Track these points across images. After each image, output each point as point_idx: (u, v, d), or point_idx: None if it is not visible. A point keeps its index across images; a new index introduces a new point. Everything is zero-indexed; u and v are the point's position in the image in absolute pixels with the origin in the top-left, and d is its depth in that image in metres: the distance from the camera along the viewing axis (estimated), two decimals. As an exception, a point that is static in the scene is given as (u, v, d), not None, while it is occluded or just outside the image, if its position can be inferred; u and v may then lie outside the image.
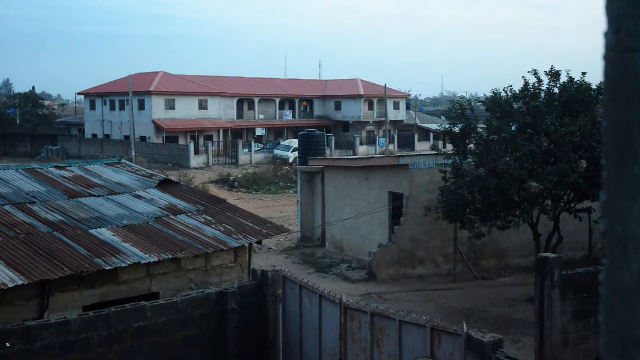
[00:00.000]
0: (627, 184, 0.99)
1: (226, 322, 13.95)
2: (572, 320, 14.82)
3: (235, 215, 17.51)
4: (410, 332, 12.31)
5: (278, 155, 67.33)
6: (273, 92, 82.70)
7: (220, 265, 16.09)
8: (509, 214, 21.81)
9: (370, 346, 13.08)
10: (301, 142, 37.94)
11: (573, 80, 22.41)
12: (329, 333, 14.07)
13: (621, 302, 1.01)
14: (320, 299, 14.28)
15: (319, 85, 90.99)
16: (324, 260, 29.27)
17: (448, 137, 24.85)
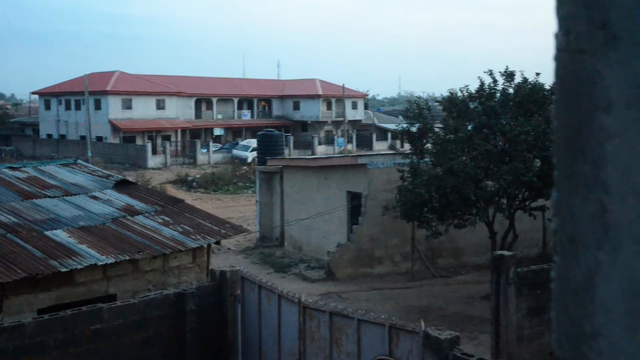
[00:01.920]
0: (577, 183, 1.01)
1: (185, 323, 13.86)
2: (527, 316, 15.03)
3: (193, 215, 17.41)
4: (368, 331, 12.36)
5: (237, 155, 67.06)
6: (231, 92, 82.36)
7: (179, 266, 15.99)
8: (466, 212, 22.04)
9: (330, 345, 13.10)
10: (260, 142, 37.83)
11: (527, 81, 22.75)
12: (288, 333, 14.07)
13: (572, 298, 1.03)
14: (279, 299, 14.26)
15: (278, 85, 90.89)
16: (283, 260, 29.24)
17: (406, 136, 25.02)
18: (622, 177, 0.97)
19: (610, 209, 0.98)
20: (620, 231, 0.98)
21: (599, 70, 0.98)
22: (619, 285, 0.99)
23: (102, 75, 72.22)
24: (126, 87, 70.56)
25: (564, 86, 1.02)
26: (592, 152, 1.00)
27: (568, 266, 1.04)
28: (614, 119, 0.97)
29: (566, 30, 1.01)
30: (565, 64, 1.02)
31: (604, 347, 1.00)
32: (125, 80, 72.01)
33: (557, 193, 1.05)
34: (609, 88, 0.97)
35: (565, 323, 1.04)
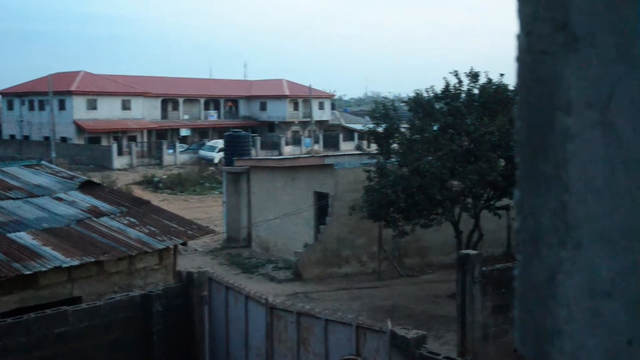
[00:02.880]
0: (539, 182, 1.03)
1: (151, 325, 13.75)
2: (492, 314, 15.16)
3: (159, 216, 17.29)
4: (336, 330, 12.38)
5: (203, 156, 66.71)
6: (198, 92, 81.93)
7: (145, 268, 15.87)
8: (432, 212, 22.16)
9: (297, 346, 13.10)
10: (227, 143, 37.71)
11: (492, 82, 22.96)
12: (256, 334, 14.03)
13: (534, 296, 1.04)
14: (246, 300, 14.22)
15: (245, 85, 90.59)
16: (250, 261, 29.16)
17: (372, 137, 25.10)
18: (582, 176, 0.98)
19: (571, 208, 1.00)
20: (581, 229, 1.00)
21: (559, 71, 0.99)
22: (580, 283, 1.00)
23: (67, 75, 71.39)
24: (91, 87, 69.83)
25: (526, 87, 1.04)
26: (553, 152, 1.01)
27: (530, 264, 1.05)
28: (574, 119, 0.99)
29: (527, 32, 1.02)
30: (526, 65, 1.03)
31: (565, 343, 1.01)
32: (90, 81, 71.26)
33: (519, 192, 1.06)
34: (569, 89, 0.98)
35: (527, 321, 1.05)
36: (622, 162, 0.95)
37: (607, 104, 0.96)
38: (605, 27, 0.94)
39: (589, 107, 0.97)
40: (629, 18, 0.93)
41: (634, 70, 0.93)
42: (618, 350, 0.97)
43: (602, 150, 0.96)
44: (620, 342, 0.97)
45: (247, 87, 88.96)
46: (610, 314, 0.97)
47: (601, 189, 0.97)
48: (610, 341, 0.98)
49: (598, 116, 0.97)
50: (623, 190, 0.95)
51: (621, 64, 0.94)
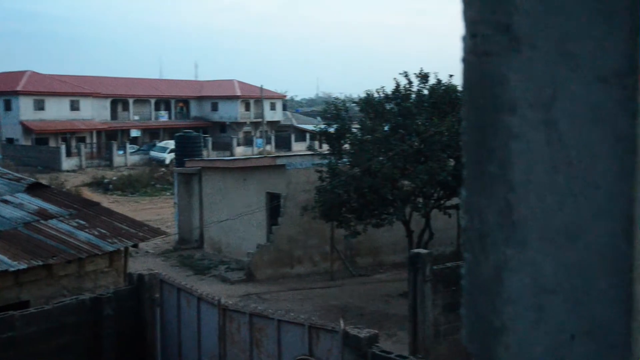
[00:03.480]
0: (485, 182, 1.04)
1: (102, 328, 13.57)
2: (443, 312, 15.31)
3: (110, 218, 17.07)
4: (289, 331, 12.38)
5: (154, 156, 66.03)
6: (148, 92, 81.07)
7: (95, 271, 15.65)
8: (383, 212, 22.29)
9: (250, 347, 13.06)
10: (178, 144, 37.42)
11: (441, 83, 23.21)
12: (208, 335, 13.95)
13: (481, 294, 1.06)
14: (198, 302, 14.13)
15: (196, 86, 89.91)
16: (202, 262, 28.98)
17: (324, 137, 25.16)
18: (526, 175, 1.00)
19: (516, 207, 1.01)
20: (526, 228, 1.01)
21: (503, 72, 1.01)
22: (525, 280, 1.02)
23: (12, 75, 69.98)
24: (38, 87, 68.57)
25: (471, 88, 1.05)
26: (498, 152, 1.02)
27: (477, 263, 1.07)
28: (518, 119, 1.00)
29: (472, 34, 1.03)
30: (472, 66, 1.04)
31: (511, 340, 1.03)
32: (37, 80, 69.97)
33: (465, 192, 1.08)
34: (513, 89, 1.00)
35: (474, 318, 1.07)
36: (564, 161, 0.97)
37: (549, 104, 0.97)
38: (546, 29, 0.96)
39: (532, 107, 0.99)
40: (569, 20, 0.95)
41: (574, 71, 0.95)
42: (561, 345, 0.99)
43: (545, 150, 0.98)
44: (564, 338, 0.99)
45: (198, 88, 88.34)
46: (554, 310, 0.99)
47: (544, 188, 0.99)
48: (554, 336, 1.00)
49: (541, 116, 0.98)
50: (565, 189, 0.97)
51: (562, 65, 0.96)
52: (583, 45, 0.94)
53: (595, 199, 0.95)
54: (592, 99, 0.94)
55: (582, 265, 0.97)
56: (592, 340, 0.97)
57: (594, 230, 0.96)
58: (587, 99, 0.95)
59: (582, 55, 0.94)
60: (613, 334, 0.95)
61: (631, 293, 0.94)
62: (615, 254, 0.95)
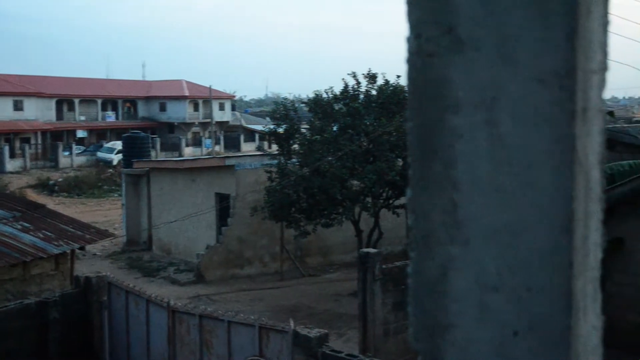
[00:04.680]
0: (430, 181, 1.05)
1: (48, 333, 13.34)
2: (393, 311, 15.43)
3: (55, 221, 16.80)
4: (239, 332, 12.34)
5: (101, 157, 65.12)
6: (95, 92, 79.85)
7: (40, 274, 15.38)
8: (333, 212, 22.37)
9: (200, 348, 12.98)
10: (125, 144, 37.01)
11: (389, 83, 23.39)
12: (158, 338, 13.83)
13: (426, 292, 1.07)
14: (147, 304, 14.00)
15: (143, 86, 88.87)
16: (151, 264, 28.70)
17: (273, 137, 25.16)
18: (471, 175, 1.02)
19: (460, 206, 1.03)
20: (470, 227, 1.03)
21: (447, 73, 1.02)
22: (469, 278, 1.03)
23: (-47, 75, 68.36)
24: (-20, 87, 67.07)
25: (416, 88, 1.06)
26: (442, 152, 1.04)
27: (422, 261, 1.08)
28: (462, 120, 1.02)
29: (416, 35, 1.04)
30: (416, 67, 1.05)
31: (456, 337, 1.04)
32: (-22, 80, 68.44)
33: (411, 191, 1.08)
34: (457, 90, 1.01)
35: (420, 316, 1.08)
36: (506, 161, 0.99)
37: (491, 105, 0.99)
38: (488, 31, 0.98)
39: (475, 107, 1.00)
40: (509, 22, 0.96)
41: (515, 72, 0.97)
42: (505, 342, 1.01)
43: (488, 149, 1.00)
44: (507, 334, 1.01)
45: (146, 88, 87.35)
46: (498, 307, 1.01)
47: (487, 187, 1.00)
48: (498, 333, 1.01)
49: (484, 116, 1.00)
50: (507, 188, 0.99)
51: (503, 66, 0.97)
52: (522, 47, 0.96)
53: (536, 197, 0.97)
54: (532, 100, 0.96)
55: (524, 263, 0.99)
56: (534, 336, 0.99)
57: (535, 228, 0.98)
58: (527, 100, 0.97)
59: (522, 56, 0.96)
60: (554, 330, 0.97)
61: (571, 289, 0.96)
62: (555, 251, 0.97)
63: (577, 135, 0.95)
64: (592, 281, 1.02)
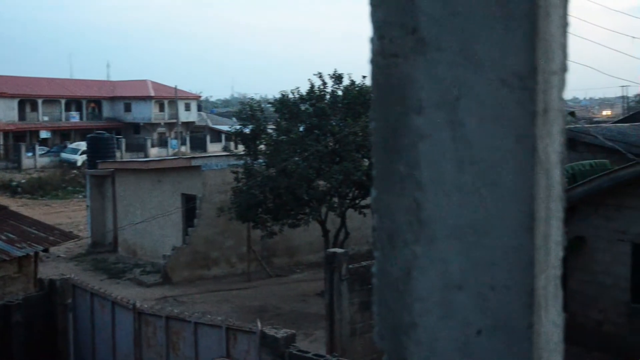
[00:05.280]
0: (394, 181, 1.06)
1: (11, 336, 13.16)
2: (359, 311, 15.47)
3: (18, 222, 16.58)
4: (206, 333, 12.29)
5: (66, 158, 64.31)
6: (58, 93, 78.89)
7: (3, 277, 15.17)
8: (299, 212, 22.37)
9: (167, 350, 12.90)
10: (90, 145, 36.63)
11: (355, 84, 23.46)
12: (124, 340, 13.71)
13: (391, 291, 1.07)
14: (113, 306, 13.87)
15: (108, 86, 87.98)
16: (116, 266, 28.44)
17: (239, 138, 25.08)
18: (433, 174, 1.02)
19: (424, 206, 1.04)
20: (434, 226, 1.03)
21: (410, 74, 1.03)
22: (434, 277, 1.04)
23: None
24: (-60, 88, 65.95)
25: (380, 89, 1.07)
26: (406, 152, 1.04)
27: (387, 261, 1.08)
28: (425, 120, 1.02)
29: (380, 36, 1.05)
30: (380, 67, 1.06)
31: (421, 336, 1.05)
32: (-62, 80, 67.26)
33: (375, 191, 1.09)
34: (420, 90, 1.02)
35: (385, 315, 1.08)
36: (469, 160, 0.99)
37: (454, 105, 1.00)
38: (451, 32, 0.99)
39: (439, 108, 1.01)
40: (471, 24, 0.97)
41: (477, 72, 0.98)
42: (469, 340, 1.02)
43: (451, 149, 1.01)
44: (471, 332, 1.01)
45: (111, 88, 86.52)
46: (461, 306, 1.02)
47: (451, 187, 1.01)
48: (462, 331, 1.02)
49: (447, 116, 1.01)
50: (470, 188, 1.00)
51: (466, 67, 0.98)
52: (485, 48, 0.97)
53: (498, 196, 0.98)
54: (495, 100, 0.97)
55: (487, 262, 1.00)
56: (497, 334, 1.00)
57: (497, 227, 0.99)
58: (490, 100, 0.97)
59: (484, 57, 0.97)
60: (516, 327, 0.98)
61: (533, 288, 0.97)
62: (517, 250, 0.98)
63: (539, 135, 0.96)
64: (553, 279, 1.03)
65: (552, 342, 1.03)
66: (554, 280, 1.04)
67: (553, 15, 0.97)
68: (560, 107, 1.02)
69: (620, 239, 16.45)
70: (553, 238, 1.03)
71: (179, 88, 78.63)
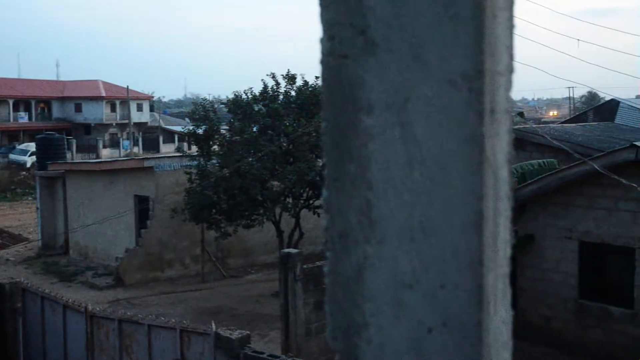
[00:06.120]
0: (345, 181, 1.06)
1: (-42, 342, 12.90)
2: (314, 311, 15.49)
3: (-35, 226, 16.24)
4: (159, 335, 12.19)
5: (14, 160, 63.15)
6: (6, 93, 77.42)
7: (-50, 281, 14.84)
8: (253, 212, 22.33)
9: (120, 354, 12.77)
10: (39, 146, 36.00)
11: (308, 84, 23.49)
12: (75, 344, 13.53)
13: (343, 291, 1.08)
14: (64, 310, 13.68)
15: (58, 86, 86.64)
16: (68, 269, 28.04)
17: (192, 138, 24.92)
18: (384, 175, 1.03)
19: (375, 205, 1.04)
20: (384, 226, 1.04)
21: (360, 75, 1.03)
22: (385, 277, 1.04)
23: None
24: None
25: (330, 89, 1.07)
26: (357, 152, 1.05)
27: (339, 261, 1.09)
28: (375, 120, 1.03)
29: (330, 36, 1.05)
30: (330, 68, 1.06)
31: (373, 335, 1.06)
32: None
33: (326, 191, 1.09)
34: (370, 91, 1.03)
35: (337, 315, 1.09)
36: (419, 160, 1.00)
37: (404, 106, 1.01)
38: (400, 34, 1.00)
39: (388, 108, 1.02)
40: (420, 25, 0.98)
41: (426, 73, 0.99)
42: (420, 338, 1.03)
43: (401, 150, 1.01)
44: (422, 331, 1.02)
45: (61, 88, 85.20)
46: (412, 305, 1.03)
47: (401, 187, 1.02)
48: (413, 330, 1.03)
49: (396, 117, 1.01)
50: (420, 187, 1.01)
51: (415, 68, 0.99)
52: (433, 50, 0.98)
53: (447, 195, 0.99)
54: (443, 101, 0.98)
55: (437, 261, 1.01)
56: (448, 332, 1.01)
57: (447, 226, 1.00)
58: (438, 101, 0.99)
59: (433, 58, 0.98)
60: (466, 325, 0.99)
61: (482, 285, 0.99)
62: (467, 248, 0.99)
63: (486, 135, 0.97)
64: (502, 277, 1.05)
65: (501, 338, 1.05)
66: (503, 278, 1.05)
67: (499, 17, 0.99)
68: (507, 107, 1.04)
69: (567, 237, 16.76)
70: (501, 236, 1.04)
71: (131, 88, 77.82)
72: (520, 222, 17.06)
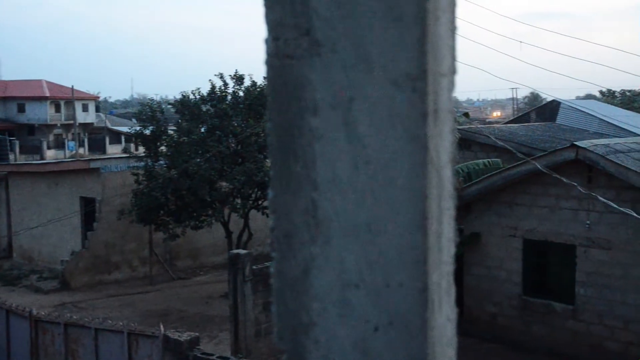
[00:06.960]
0: (290, 182, 1.06)
1: None
2: (264, 311, 15.48)
3: None
4: (107, 339, 12.05)
5: (-46, 162, 61.71)
6: (-56, 93, 75.57)
7: None
8: (202, 213, 22.22)
9: (65, 358, 12.57)
10: (-20, 148, 35.29)
11: (256, 85, 23.47)
12: (19, 350, 13.28)
13: (290, 291, 1.08)
14: (7, 315, 13.42)
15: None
16: (11, 273, 27.52)
17: (139, 139, 24.67)
18: (329, 175, 1.03)
19: (320, 205, 1.04)
20: (330, 226, 1.04)
21: (305, 75, 1.03)
22: (331, 277, 1.05)
23: None
24: None
25: (275, 90, 1.07)
26: (302, 153, 1.05)
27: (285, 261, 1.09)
28: (320, 120, 1.03)
29: (274, 36, 1.05)
30: (275, 68, 1.06)
31: (319, 335, 1.06)
32: None
33: (272, 192, 1.09)
34: (315, 92, 1.03)
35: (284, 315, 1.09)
36: (364, 160, 1.01)
37: (349, 106, 1.01)
38: (344, 34, 1.00)
39: (333, 108, 1.02)
40: (363, 25, 0.99)
41: (370, 74, 0.99)
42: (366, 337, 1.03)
43: (346, 150, 1.02)
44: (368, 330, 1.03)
45: (2, 88, 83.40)
46: (358, 304, 1.03)
47: (346, 187, 1.02)
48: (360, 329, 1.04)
49: (341, 117, 1.02)
50: (365, 187, 1.01)
51: (359, 69, 1.00)
52: (377, 50, 0.99)
53: (392, 195, 1.00)
54: (387, 101, 0.99)
55: (383, 260, 1.01)
56: (394, 330, 1.02)
57: (391, 225, 1.01)
58: (383, 101, 0.99)
59: (377, 59, 0.99)
60: (411, 323, 1.00)
61: (426, 284, 1.00)
62: (411, 247, 1.00)
63: (430, 136, 0.98)
64: (446, 275, 1.06)
65: (445, 336, 1.06)
66: (447, 277, 1.06)
67: (442, 19, 1.00)
68: (450, 107, 1.05)
69: (512, 235, 17.05)
70: (445, 235, 1.05)
71: (76, 88, 76.57)
72: (466, 220, 17.30)
